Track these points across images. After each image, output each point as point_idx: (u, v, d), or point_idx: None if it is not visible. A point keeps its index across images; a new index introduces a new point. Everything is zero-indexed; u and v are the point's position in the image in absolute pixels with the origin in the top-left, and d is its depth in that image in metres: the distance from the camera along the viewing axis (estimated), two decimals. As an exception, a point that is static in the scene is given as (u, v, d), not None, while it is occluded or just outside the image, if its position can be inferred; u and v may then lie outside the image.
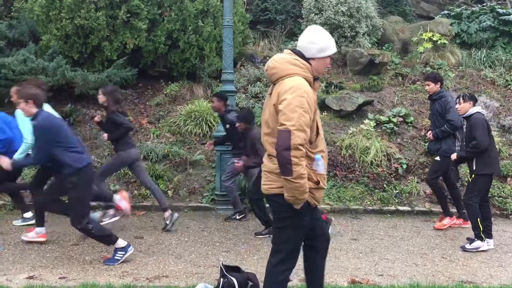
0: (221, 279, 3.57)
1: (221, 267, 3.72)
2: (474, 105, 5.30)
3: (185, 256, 4.80)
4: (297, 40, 10.69)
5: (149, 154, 7.14)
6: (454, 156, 5.57)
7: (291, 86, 2.67)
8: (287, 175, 2.62)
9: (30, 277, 4.07)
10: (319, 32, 2.86)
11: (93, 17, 7.81)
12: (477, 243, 5.18)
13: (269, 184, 2.83)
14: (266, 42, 10.47)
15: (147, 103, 8.53)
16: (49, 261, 4.52)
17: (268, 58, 9.87)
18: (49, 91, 7.76)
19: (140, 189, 6.69)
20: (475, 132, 5.09)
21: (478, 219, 5.14)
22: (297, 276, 4.11)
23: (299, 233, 2.90)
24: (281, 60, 2.82)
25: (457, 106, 5.42)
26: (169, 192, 6.71)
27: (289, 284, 3.91)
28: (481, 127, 5.08)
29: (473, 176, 5.22)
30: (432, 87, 5.99)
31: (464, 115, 5.36)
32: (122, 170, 6.80)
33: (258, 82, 8.82)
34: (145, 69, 8.87)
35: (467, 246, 5.22)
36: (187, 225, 5.93)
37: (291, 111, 2.60)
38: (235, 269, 3.74)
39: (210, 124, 7.79)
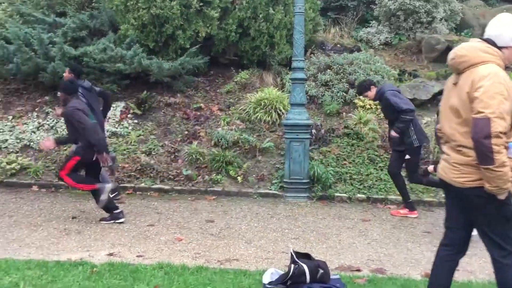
0: (292, 265, 3.58)
1: (291, 254, 3.74)
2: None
3: (254, 241, 4.87)
4: (369, 26, 10.39)
5: (220, 140, 7.27)
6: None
7: (488, 73, 2.57)
8: (488, 164, 2.50)
9: (110, 254, 4.31)
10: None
11: (168, 7, 8.04)
12: None
13: (465, 177, 2.70)
14: (337, 29, 10.29)
15: (217, 90, 8.69)
16: (127, 240, 4.76)
17: (338, 45, 9.79)
18: (126, 78, 8.15)
19: (211, 174, 6.85)
20: None
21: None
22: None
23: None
24: (471, 48, 2.73)
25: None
26: (239, 178, 6.81)
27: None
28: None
29: None
30: (370, 95, 5.98)
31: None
32: (194, 156, 7.00)
33: (328, 70, 8.70)
34: (216, 57, 9.03)
35: None
36: (256, 211, 6.01)
37: (490, 98, 2.51)
38: (305, 256, 3.74)
39: (279, 112, 7.81)
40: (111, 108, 7.87)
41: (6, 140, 7.17)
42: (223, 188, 6.64)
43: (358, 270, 4.11)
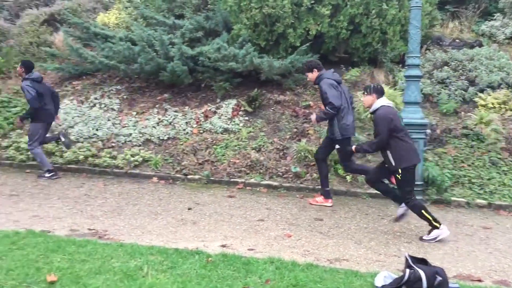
0: (407, 270, 3.44)
1: (406, 258, 3.59)
2: (378, 98, 4.99)
3: (364, 242, 4.77)
4: (493, 19, 9.58)
5: (329, 138, 7.20)
6: (353, 148, 5.37)
7: None
8: None
9: (223, 246, 4.48)
10: None
11: (280, 5, 8.13)
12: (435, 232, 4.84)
13: None
14: (456, 23, 9.66)
15: (327, 88, 8.60)
16: (238, 233, 4.91)
17: (457, 40, 9.19)
18: (238, 77, 8.40)
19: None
20: (378, 129, 4.89)
21: (423, 212, 4.82)
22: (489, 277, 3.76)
23: None
24: None
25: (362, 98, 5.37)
26: (348, 177, 6.70)
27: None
28: (382, 124, 4.82)
29: (399, 172, 4.82)
30: (310, 76, 5.99)
31: (370, 110, 5.09)
32: (302, 153, 7.02)
33: (445, 67, 8.21)
34: (326, 55, 8.94)
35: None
36: (365, 211, 5.87)
37: None
38: (421, 261, 3.58)
39: (391, 110, 7.53)
40: (224, 105, 8.23)
41: (131, 134, 7.76)
42: (331, 187, 6.57)
43: (479, 281, 3.85)
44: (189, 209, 5.70)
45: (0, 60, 10.02)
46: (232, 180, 6.84)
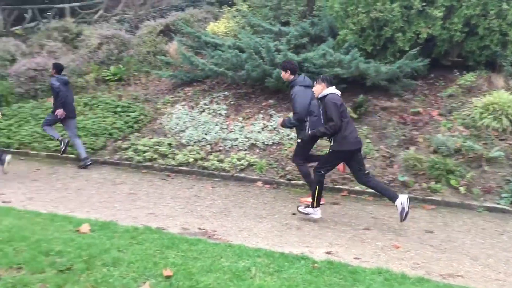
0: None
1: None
2: (327, 87, 5.41)
3: (481, 258, 4.45)
4: None
5: (440, 147, 6.84)
6: (310, 132, 5.73)
7: None
8: None
9: (328, 253, 4.44)
10: None
11: (388, 9, 7.90)
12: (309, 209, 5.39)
13: None
14: None
15: (438, 94, 8.18)
16: (343, 241, 4.84)
17: None
18: (343, 83, 8.30)
19: (429, 182, 6.49)
20: (330, 113, 5.21)
21: (318, 187, 5.31)
22: None
23: None
24: None
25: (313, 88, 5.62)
26: (461, 188, 6.29)
27: None
28: (333, 109, 5.20)
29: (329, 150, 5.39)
30: (284, 76, 6.26)
31: (319, 96, 5.48)
32: (410, 162, 6.73)
33: None
34: (437, 59, 8.51)
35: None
36: (481, 226, 5.47)
37: None
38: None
39: (511, 118, 6.96)
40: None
41: (237, 138, 8.01)
42: (442, 198, 6.23)
43: None
44: (293, 214, 5.73)
45: (121, 68, 10.90)
46: (336, 187, 6.76)
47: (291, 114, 6.39)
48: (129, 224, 4.90)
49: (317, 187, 5.33)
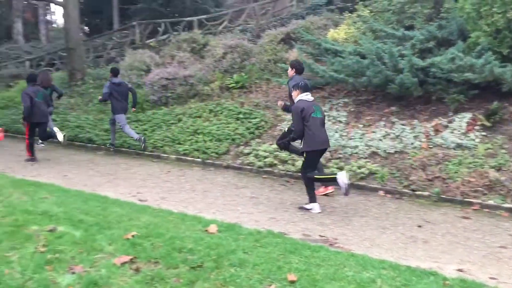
0: None
1: None
2: (301, 93, 5.91)
3: None
4: None
5: None
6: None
7: None
8: None
9: (460, 270, 4.15)
10: None
11: (530, 8, 7.22)
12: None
13: None
14: None
15: None
16: (476, 258, 4.49)
17: None
18: (474, 88, 7.74)
19: None
20: (293, 121, 6.03)
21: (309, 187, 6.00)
22: None
23: None
24: None
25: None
26: None
27: None
28: (295, 116, 5.89)
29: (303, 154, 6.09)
30: (289, 73, 6.84)
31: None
32: None
33: None
34: None
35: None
36: None
37: None
38: None
39: None
40: (457, 119, 7.69)
41: (357, 146, 7.86)
42: None
43: None
44: (418, 226, 5.46)
45: (243, 76, 11.32)
46: (466, 200, 6.30)
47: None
48: (252, 227, 5.04)
49: (309, 186, 6.00)
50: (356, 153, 7.81)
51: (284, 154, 8.07)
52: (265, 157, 8.18)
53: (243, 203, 6.35)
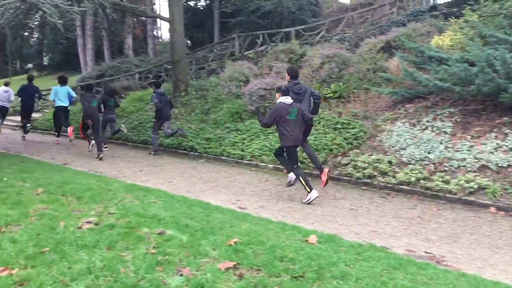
0: None
1: None
2: (282, 96, 7.03)
3: None
4: None
5: None
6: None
7: None
8: None
9: None
10: None
11: None
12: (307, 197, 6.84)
13: None
14: None
15: None
16: None
17: None
18: None
19: None
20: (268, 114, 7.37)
21: (301, 178, 6.87)
22: None
23: None
24: None
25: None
26: None
27: None
28: (271, 112, 7.14)
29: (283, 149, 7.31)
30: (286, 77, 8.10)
31: None
32: None
33: None
34: None
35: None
36: None
37: None
38: None
39: None
40: None
41: (465, 158, 7.39)
42: None
43: None
44: (537, 248, 4.99)
45: (341, 86, 11.18)
46: None
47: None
48: (352, 240, 4.94)
49: (300, 178, 6.87)
50: (463, 166, 7.34)
51: (384, 166, 7.83)
52: (364, 168, 7.99)
53: (342, 215, 6.25)
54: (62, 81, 12.51)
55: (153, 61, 23.40)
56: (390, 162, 7.99)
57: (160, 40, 42.43)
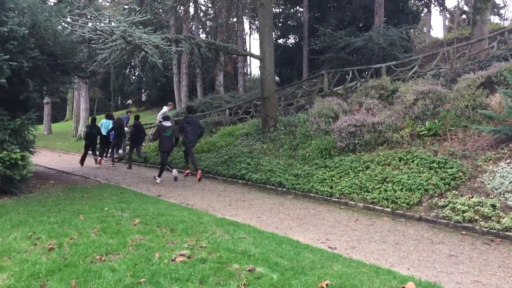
0: None
1: None
2: (164, 121, 12.31)
3: None
4: None
5: None
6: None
7: None
8: None
9: None
10: None
11: None
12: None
13: None
14: None
15: None
16: None
17: None
18: None
19: None
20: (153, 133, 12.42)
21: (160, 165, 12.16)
22: None
23: None
24: None
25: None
26: None
27: None
28: (155, 130, 12.54)
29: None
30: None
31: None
32: None
33: None
34: None
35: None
36: None
37: None
38: None
39: None
40: None
41: None
42: None
43: None
44: None
45: (436, 123, 10.69)
46: None
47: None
48: (454, 290, 4.58)
49: (160, 165, 12.12)
50: None
51: (487, 209, 7.26)
52: (464, 211, 7.46)
53: (441, 261, 5.83)
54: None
55: (243, 97, 24.10)
56: (493, 206, 7.40)
57: (249, 77, 43.77)
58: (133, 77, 42.08)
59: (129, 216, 7.05)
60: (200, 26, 37.49)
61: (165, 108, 19.31)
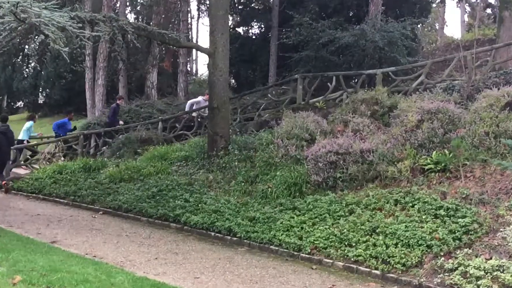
0: None
1: None
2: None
3: None
4: None
5: None
6: None
7: None
8: None
9: None
10: None
11: None
12: None
13: None
14: None
15: None
16: None
17: None
18: None
19: None
20: None
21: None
22: None
23: None
24: None
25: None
26: None
27: None
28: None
29: None
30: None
31: None
32: None
33: None
34: None
35: None
36: None
37: None
38: None
39: None
40: None
41: None
42: None
43: None
44: None
45: (447, 155, 10.99)
46: None
47: None
48: None
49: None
50: None
51: (509, 277, 7.49)
52: (479, 278, 7.66)
53: None
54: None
55: (183, 106, 24.04)
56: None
57: (194, 77, 43.92)
58: (27, 70, 41.42)
59: (7, 271, 6.85)
60: (128, 3, 37.50)
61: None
